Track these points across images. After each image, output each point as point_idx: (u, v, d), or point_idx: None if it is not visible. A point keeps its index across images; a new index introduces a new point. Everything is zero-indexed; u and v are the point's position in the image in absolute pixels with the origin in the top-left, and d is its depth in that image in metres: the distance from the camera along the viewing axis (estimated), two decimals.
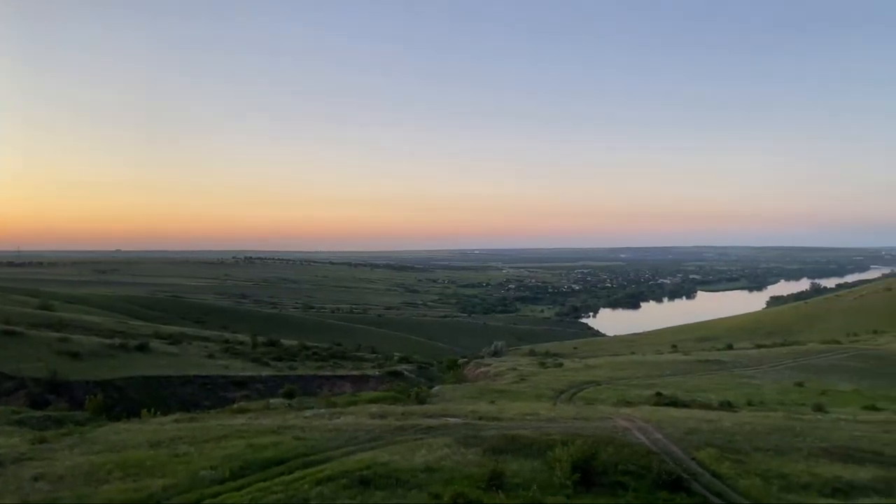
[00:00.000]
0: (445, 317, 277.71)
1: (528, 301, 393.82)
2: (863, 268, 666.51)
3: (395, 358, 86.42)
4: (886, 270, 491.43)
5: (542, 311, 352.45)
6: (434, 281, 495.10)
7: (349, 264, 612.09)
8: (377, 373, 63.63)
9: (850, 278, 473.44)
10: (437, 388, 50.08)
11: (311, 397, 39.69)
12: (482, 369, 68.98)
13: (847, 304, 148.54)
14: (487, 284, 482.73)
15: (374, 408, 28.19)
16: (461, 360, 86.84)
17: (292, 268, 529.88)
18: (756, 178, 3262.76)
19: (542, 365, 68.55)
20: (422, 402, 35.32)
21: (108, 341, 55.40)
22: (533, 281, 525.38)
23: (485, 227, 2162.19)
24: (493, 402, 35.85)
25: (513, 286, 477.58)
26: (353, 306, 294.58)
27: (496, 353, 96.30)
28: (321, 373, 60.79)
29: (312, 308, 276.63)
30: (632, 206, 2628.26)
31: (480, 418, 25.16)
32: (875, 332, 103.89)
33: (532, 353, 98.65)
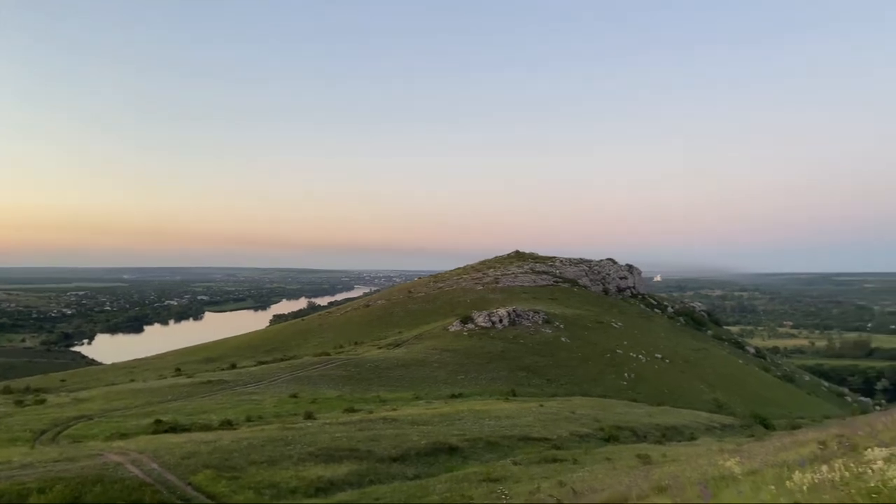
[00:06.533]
0: None
1: (6, 329, 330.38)
2: (349, 287, 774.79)
3: None
4: (366, 289, 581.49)
5: (23, 339, 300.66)
6: None
7: None
8: None
9: (339, 296, 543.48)
10: None
11: None
12: None
13: (336, 319, 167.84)
14: None
15: None
16: None
17: None
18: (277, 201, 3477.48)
19: (20, 404, 58.13)
20: None
21: None
22: (12, 305, 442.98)
23: None
24: None
25: None
26: None
27: None
28: None
29: None
30: (140, 224, 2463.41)
31: None
32: (356, 343, 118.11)
33: (7, 391, 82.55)
